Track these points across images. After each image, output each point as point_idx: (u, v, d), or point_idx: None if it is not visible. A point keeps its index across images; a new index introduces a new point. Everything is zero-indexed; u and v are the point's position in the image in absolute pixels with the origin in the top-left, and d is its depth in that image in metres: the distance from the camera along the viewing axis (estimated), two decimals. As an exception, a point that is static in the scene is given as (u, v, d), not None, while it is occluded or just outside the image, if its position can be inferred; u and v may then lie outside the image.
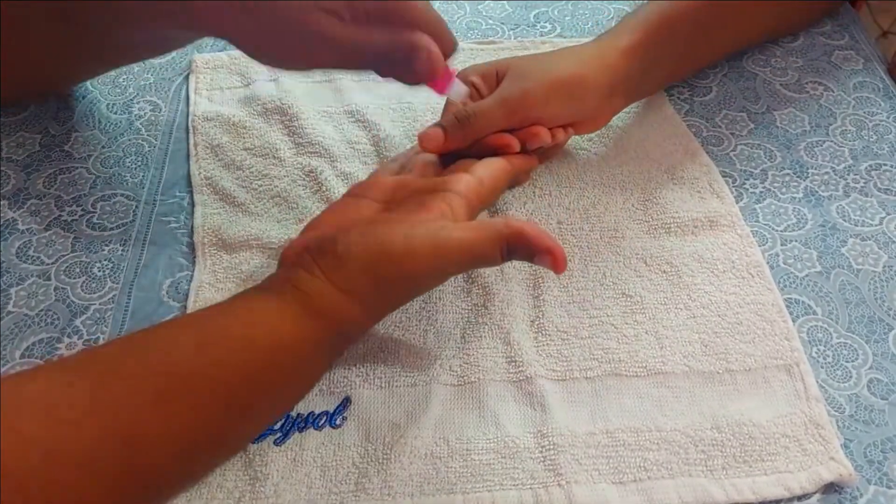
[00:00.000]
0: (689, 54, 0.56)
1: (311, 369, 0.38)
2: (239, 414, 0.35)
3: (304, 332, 0.36)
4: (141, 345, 0.34)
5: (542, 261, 0.37)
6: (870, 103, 0.58)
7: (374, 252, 0.37)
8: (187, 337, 0.34)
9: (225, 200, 0.50)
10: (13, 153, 0.53)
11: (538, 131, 0.46)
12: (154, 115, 0.57)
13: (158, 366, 0.32)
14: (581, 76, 0.47)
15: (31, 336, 0.43)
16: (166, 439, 0.31)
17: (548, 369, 0.42)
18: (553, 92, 0.46)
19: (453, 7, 0.66)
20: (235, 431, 0.35)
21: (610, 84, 0.48)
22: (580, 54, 0.49)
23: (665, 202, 0.50)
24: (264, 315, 0.36)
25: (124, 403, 0.31)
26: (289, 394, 0.38)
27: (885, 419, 0.40)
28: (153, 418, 0.31)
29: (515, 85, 0.46)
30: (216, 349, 0.34)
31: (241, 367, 0.34)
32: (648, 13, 0.51)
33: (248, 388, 0.34)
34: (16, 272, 0.46)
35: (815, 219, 0.50)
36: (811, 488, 0.37)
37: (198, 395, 0.32)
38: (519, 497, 0.37)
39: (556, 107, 0.47)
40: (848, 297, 0.46)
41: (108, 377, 0.31)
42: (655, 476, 0.38)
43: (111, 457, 0.29)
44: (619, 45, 0.49)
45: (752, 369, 0.42)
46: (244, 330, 0.35)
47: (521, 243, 0.37)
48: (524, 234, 0.37)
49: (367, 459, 0.38)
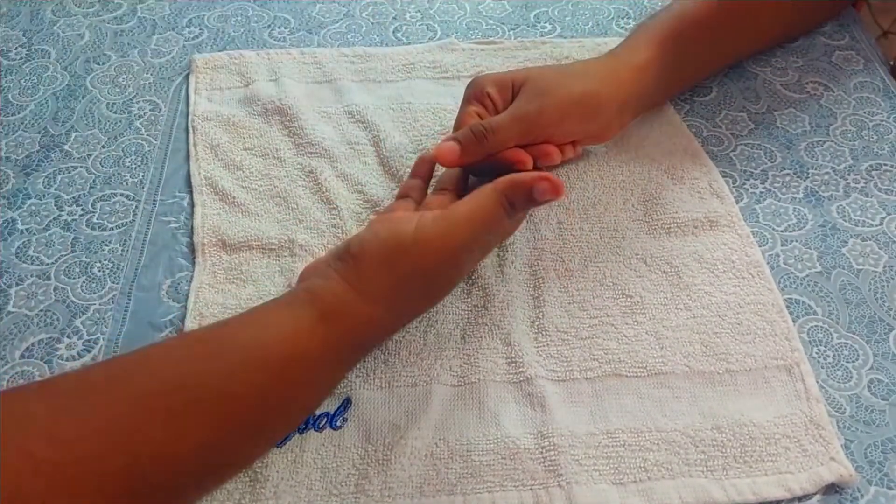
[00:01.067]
0: (702, 64, 0.56)
1: (324, 380, 0.38)
2: (251, 430, 0.34)
3: (319, 340, 0.36)
4: (151, 362, 0.33)
5: (540, 191, 0.38)
6: (870, 103, 0.58)
7: (387, 247, 0.37)
8: (198, 352, 0.33)
9: (225, 200, 0.50)
10: (12, 153, 0.53)
11: (550, 151, 0.46)
12: (154, 115, 0.57)
13: (169, 383, 0.32)
14: (596, 94, 0.47)
15: (30, 336, 0.43)
16: (177, 457, 0.31)
17: (548, 370, 0.42)
18: (569, 111, 0.46)
19: (453, 7, 0.66)
20: (247, 448, 0.35)
21: (624, 101, 0.49)
22: (596, 71, 0.49)
23: (665, 202, 0.50)
24: (278, 325, 0.35)
25: (134, 422, 0.30)
26: (301, 407, 0.38)
27: (886, 420, 0.40)
28: (164, 437, 0.30)
29: (532, 102, 0.46)
30: (228, 363, 0.33)
31: (254, 381, 0.33)
32: (663, 26, 0.51)
33: (261, 403, 0.34)
34: (15, 272, 0.46)
35: (815, 219, 0.50)
36: (812, 489, 0.37)
37: (209, 412, 0.32)
38: (519, 498, 0.37)
39: (571, 125, 0.47)
40: (848, 298, 0.46)
41: (118, 396, 0.31)
42: (656, 476, 0.38)
43: (121, 475, 0.29)
44: (634, 61, 0.49)
45: (752, 369, 0.42)
46: (257, 342, 0.34)
47: (517, 189, 0.38)
48: (514, 181, 0.38)
49: (368, 461, 0.38)
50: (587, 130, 0.49)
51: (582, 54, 0.61)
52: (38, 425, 0.28)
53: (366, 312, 0.37)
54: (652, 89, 0.51)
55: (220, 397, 0.32)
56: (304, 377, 0.36)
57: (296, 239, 0.47)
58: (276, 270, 0.46)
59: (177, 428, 0.31)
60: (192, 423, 0.31)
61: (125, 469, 0.29)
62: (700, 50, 0.54)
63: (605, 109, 0.48)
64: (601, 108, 0.48)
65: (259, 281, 0.46)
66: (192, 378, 0.32)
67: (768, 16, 0.57)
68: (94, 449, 0.29)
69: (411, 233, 0.37)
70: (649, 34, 0.51)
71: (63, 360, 0.42)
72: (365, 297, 0.37)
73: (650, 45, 0.50)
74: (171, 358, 0.33)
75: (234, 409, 0.33)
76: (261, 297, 0.45)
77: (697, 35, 0.52)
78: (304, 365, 0.35)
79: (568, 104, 0.46)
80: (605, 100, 0.47)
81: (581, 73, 0.49)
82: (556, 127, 0.46)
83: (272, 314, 0.36)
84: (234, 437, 0.33)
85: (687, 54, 0.53)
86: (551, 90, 0.46)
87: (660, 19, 0.52)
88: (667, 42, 0.51)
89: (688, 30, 0.52)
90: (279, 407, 0.35)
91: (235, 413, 0.33)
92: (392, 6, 0.67)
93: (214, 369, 0.33)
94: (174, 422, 0.31)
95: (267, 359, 0.34)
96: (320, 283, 0.37)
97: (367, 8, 0.66)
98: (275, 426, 0.36)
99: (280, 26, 0.65)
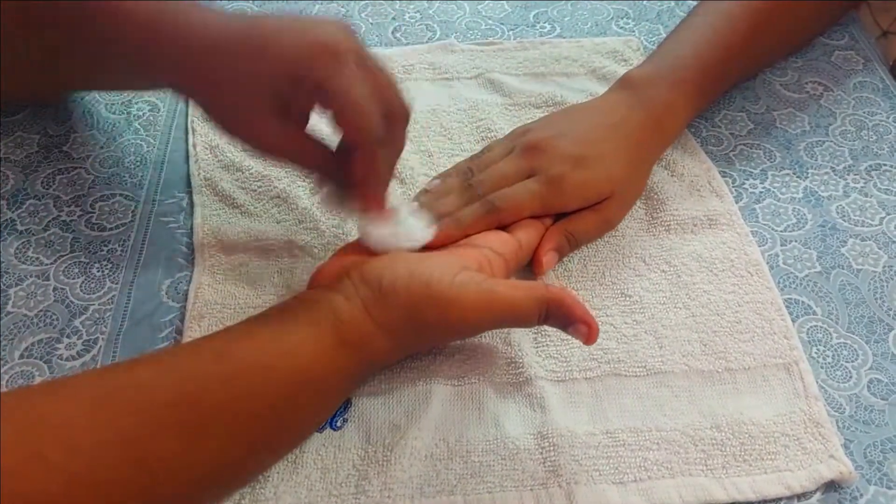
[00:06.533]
0: (731, 86, 0.57)
1: (335, 399, 0.38)
2: (263, 446, 0.34)
3: (336, 364, 0.36)
4: (166, 372, 0.33)
5: (577, 330, 0.38)
6: (869, 103, 0.58)
7: (418, 293, 0.37)
8: (215, 368, 0.33)
9: (224, 201, 0.50)
10: (12, 153, 0.53)
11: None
12: (153, 116, 0.57)
13: (186, 398, 0.32)
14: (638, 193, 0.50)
15: (30, 336, 0.43)
16: (189, 469, 0.31)
17: (547, 370, 0.42)
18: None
19: (453, 7, 0.66)
20: (257, 461, 0.35)
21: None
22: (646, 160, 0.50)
23: (664, 200, 0.50)
24: (296, 347, 0.35)
25: (148, 433, 0.30)
26: (311, 424, 0.38)
27: (885, 419, 0.40)
28: (177, 448, 0.30)
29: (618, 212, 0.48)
30: (243, 386, 0.33)
31: (268, 403, 0.34)
32: (703, 60, 0.51)
33: (273, 421, 0.34)
34: (15, 272, 0.46)
35: (814, 219, 0.50)
36: (811, 487, 0.37)
37: (223, 427, 0.32)
38: (519, 498, 0.37)
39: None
40: (848, 298, 0.46)
41: (133, 405, 0.31)
42: (656, 476, 0.38)
43: (133, 484, 0.29)
44: (683, 112, 0.51)
45: (751, 368, 0.42)
46: (273, 364, 0.34)
47: (561, 310, 0.38)
48: (564, 302, 0.38)
49: (368, 461, 0.38)
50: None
51: (581, 54, 0.61)
52: (53, 431, 0.28)
53: (382, 345, 0.37)
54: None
55: (236, 415, 0.33)
56: (318, 398, 0.36)
57: (295, 240, 0.47)
58: (276, 271, 0.46)
59: (190, 440, 0.31)
60: (206, 436, 0.31)
61: (138, 479, 0.29)
62: (735, 78, 0.56)
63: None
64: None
65: (258, 281, 0.46)
66: (210, 395, 0.32)
67: (799, 36, 0.60)
68: (108, 458, 0.29)
69: (447, 288, 0.37)
70: (691, 72, 0.51)
71: (62, 360, 0.42)
72: (383, 331, 0.37)
73: (691, 100, 0.51)
74: (188, 372, 0.33)
75: (248, 426, 0.33)
76: (260, 297, 0.45)
77: (736, 67, 0.54)
78: (320, 387, 0.36)
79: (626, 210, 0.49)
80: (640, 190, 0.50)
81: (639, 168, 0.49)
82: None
83: (294, 335, 0.36)
84: (246, 453, 0.33)
85: (725, 83, 0.55)
86: (629, 203, 0.49)
87: (698, 54, 0.51)
88: (707, 80, 0.51)
89: (728, 59, 0.52)
90: (291, 425, 0.36)
91: (250, 430, 0.33)
92: (391, 6, 0.67)
93: (233, 390, 0.33)
94: (188, 435, 0.31)
95: (286, 382, 0.34)
96: (345, 307, 0.36)
97: (366, 8, 0.66)
98: (285, 442, 0.37)
99: (279, 27, 0.65)
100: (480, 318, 0.38)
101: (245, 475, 0.35)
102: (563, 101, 0.56)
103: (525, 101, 0.57)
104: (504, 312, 0.38)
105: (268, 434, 0.34)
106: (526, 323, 0.39)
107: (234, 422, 0.32)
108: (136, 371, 0.33)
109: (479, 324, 0.39)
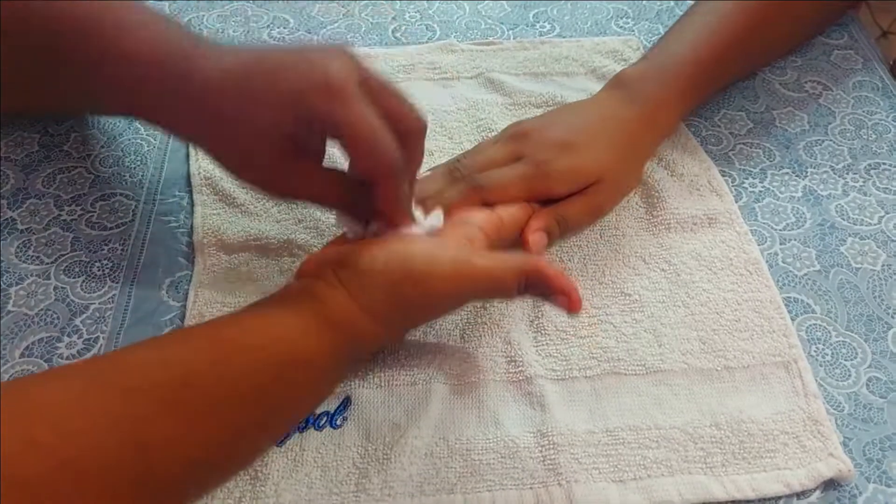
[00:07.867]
0: (727, 84, 0.58)
1: (325, 382, 0.38)
2: (253, 426, 0.35)
3: (321, 346, 0.36)
4: (156, 356, 0.33)
5: (557, 300, 0.38)
6: (869, 102, 0.58)
7: (396, 270, 0.37)
8: (204, 353, 0.34)
9: (224, 200, 0.50)
10: (12, 153, 0.53)
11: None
12: (153, 115, 0.57)
13: (173, 379, 0.32)
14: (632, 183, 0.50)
15: (30, 335, 0.43)
16: (182, 449, 0.31)
17: (547, 369, 0.42)
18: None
19: (452, 7, 0.66)
20: (249, 442, 0.35)
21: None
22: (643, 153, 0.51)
23: (664, 199, 0.50)
24: (282, 330, 0.35)
25: (140, 413, 0.30)
26: (302, 406, 0.38)
27: (884, 417, 0.40)
28: (169, 430, 0.31)
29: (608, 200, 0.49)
30: (233, 366, 0.33)
31: (257, 383, 0.34)
32: (697, 56, 0.51)
33: (263, 403, 0.34)
34: (15, 272, 0.46)
35: (813, 218, 0.50)
36: (811, 484, 0.38)
37: (214, 407, 0.32)
38: (519, 496, 0.37)
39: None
40: (847, 296, 0.46)
41: (124, 388, 0.31)
42: (655, 474, 0.38)
43: (126, 466, 0.29)
44: (676, 108, 0.51)
45: (750, 366, 0.42)
46: (261, 345, 0.35)
47: (540, 280, 0.38)
48: (542, 271, 0.38)
49: (368, 459, 0.38)
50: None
51: (581, 54, 0.61)
52: (44, 416, 0.28)
53: (366, 327, 0.37)
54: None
55: (227, 396, 0.33)
56: (307, 378, 0.36)
57: (295, 239, 0.48)
58: (276, 270, 0.46)
59: (183, 419, 0.31)
60: (198, 415, 0.32)
61: (132, 462, 0.29)
62: (731, 76, 0.56)
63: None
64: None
65: (259, 281, 0.46)
66: (200, 378, 0.32)
67: (796, 35, 0.60)
68: (101, 441, 0.29)
69: (423, 263, 0.37)
70: (689, 70, 0.51)
71: (63, 359, 0.42)
72: (367, 313, 0.37)
73: (684, 96, 0.51)
74: (178, 356, 0.33)
75: (239, 407, 0.33)
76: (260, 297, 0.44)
77: (731, 65, 0.54)
78: (308, 367, 0.36)
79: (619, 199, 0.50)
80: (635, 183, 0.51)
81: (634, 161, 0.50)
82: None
83: (280, 319, 0.36)
84: (238, 434, 0.34)
85: (722, 79, 0.55)
86: (621, 190, 0.49)
87: (696, 51, 0.51)
88: (702, 81, 0.52)
89: (726, 54, 0.52)
90: (282, 407, 0.36)
91: (241, 411, 0.33)
92: (391, 6, 0.67)
93: (223, 371, 0.33)
94: (180, 414, 0.31)
95: (275, 362, 0.34)
96: (325, 290, 0.37)
97: (367, 8, 0.67)
98: (277, 424, 0.37)
99: (279, 26, 0.65)
100: (459, 290, 0.38)
101: (239, 457, 0.35)
102: (563, 100, 0.56)
103: (525, 101, 0.57)
104: (481, 283, 0.38)
105: (259, 414, 0.34)
106: (505, 294, 0.39)
107: (224, 403, 0.33)
108: (126, 356, 0.34)
109: (459, 296, 0.39)
